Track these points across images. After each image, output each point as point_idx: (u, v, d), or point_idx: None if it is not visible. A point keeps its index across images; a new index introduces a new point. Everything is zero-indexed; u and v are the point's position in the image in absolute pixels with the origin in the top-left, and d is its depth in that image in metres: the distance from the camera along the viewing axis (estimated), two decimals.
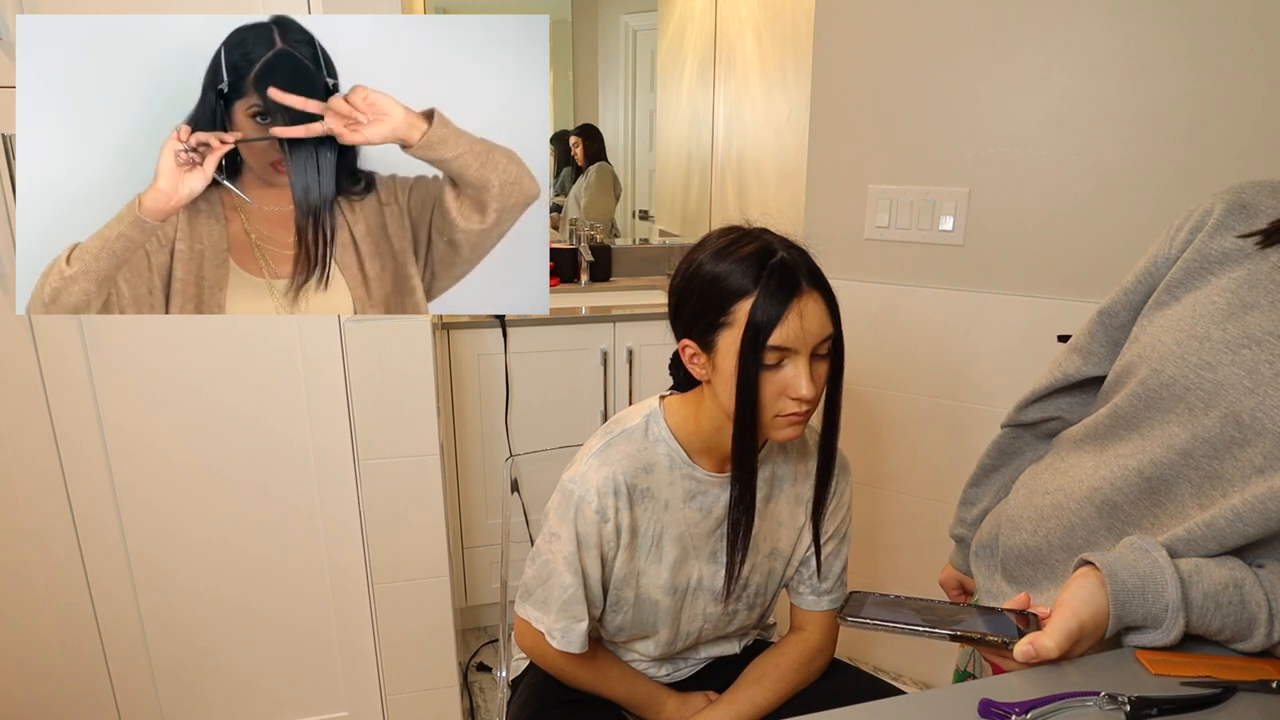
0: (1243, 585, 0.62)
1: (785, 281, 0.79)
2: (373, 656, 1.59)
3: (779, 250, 0.81)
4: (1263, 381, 0.62)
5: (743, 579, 0.99)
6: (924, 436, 1.75)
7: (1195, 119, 1.35)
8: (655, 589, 0.95)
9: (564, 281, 2.37)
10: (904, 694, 0.88)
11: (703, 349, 0.84)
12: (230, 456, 1.42)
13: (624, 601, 0.96)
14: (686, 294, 0.84)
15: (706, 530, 0.95)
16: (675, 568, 0.94)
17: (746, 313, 0.79)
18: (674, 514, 0.93)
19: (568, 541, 0.91)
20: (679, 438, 0.92)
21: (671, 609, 0.97)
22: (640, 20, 2.44)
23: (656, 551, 0.94)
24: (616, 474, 0.89)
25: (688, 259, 0.86)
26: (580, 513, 0.90)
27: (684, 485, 0.93)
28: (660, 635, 1.00)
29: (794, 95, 1.82)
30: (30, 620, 1.42)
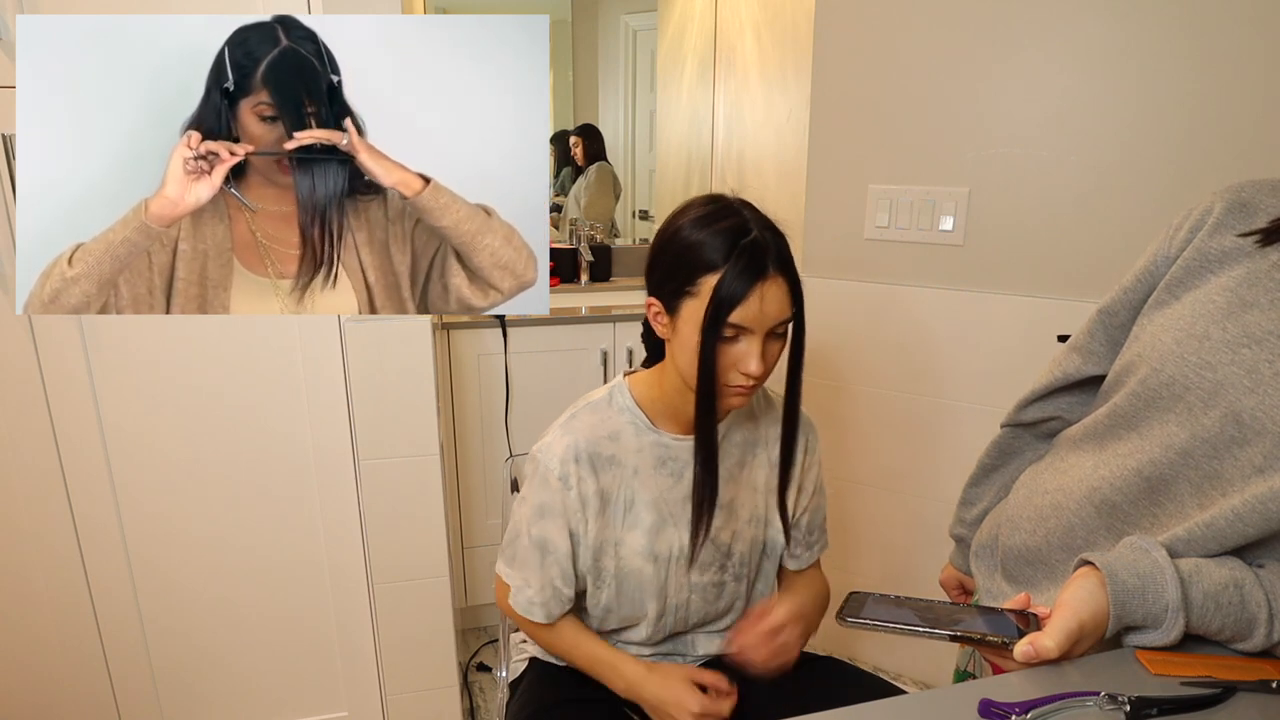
0: (1243, 585, 0.62)
1: (753, 263, 0.82)
2: (373, 656, 1.59)
3: (753, 230, 0.84)
4: (1262, 381, 0.62)
5: (725, 546, 1.00)
6: (924, 436, 1.75)
7: (1195, 119, 1.35)
8: (635, 556, 0.96)
9: (564, 281, 2.38)
10: (904, 694, 0.88)
11: (667, 310, 0.88)
12: (230, 456, 1.42)
13: (605, 574, 0.97)
14: (660, 256, 0.88)
15: (681, 497, 0.97)
16: (653, 534, 0.96)
17: (712, 287, 0.82)
18: (644, 480, 0.95)
19: (532, 507, 0.96)
20: (642, 405, 0.96)
21: (656, 579, 0.98)
22: (640, 20, 2.44)
23: (632, 517, 0.96)
24: (579, 442, 0.93)
25: (670, 221, 0.89)
26: (545, 481, 0.94)
27: (652, 452, 0.96)
28: (649, 612, 1.00)
29: (794, 95, 1.82)
30: (30, 620, 1.42)
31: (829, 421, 1.86)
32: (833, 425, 1.86)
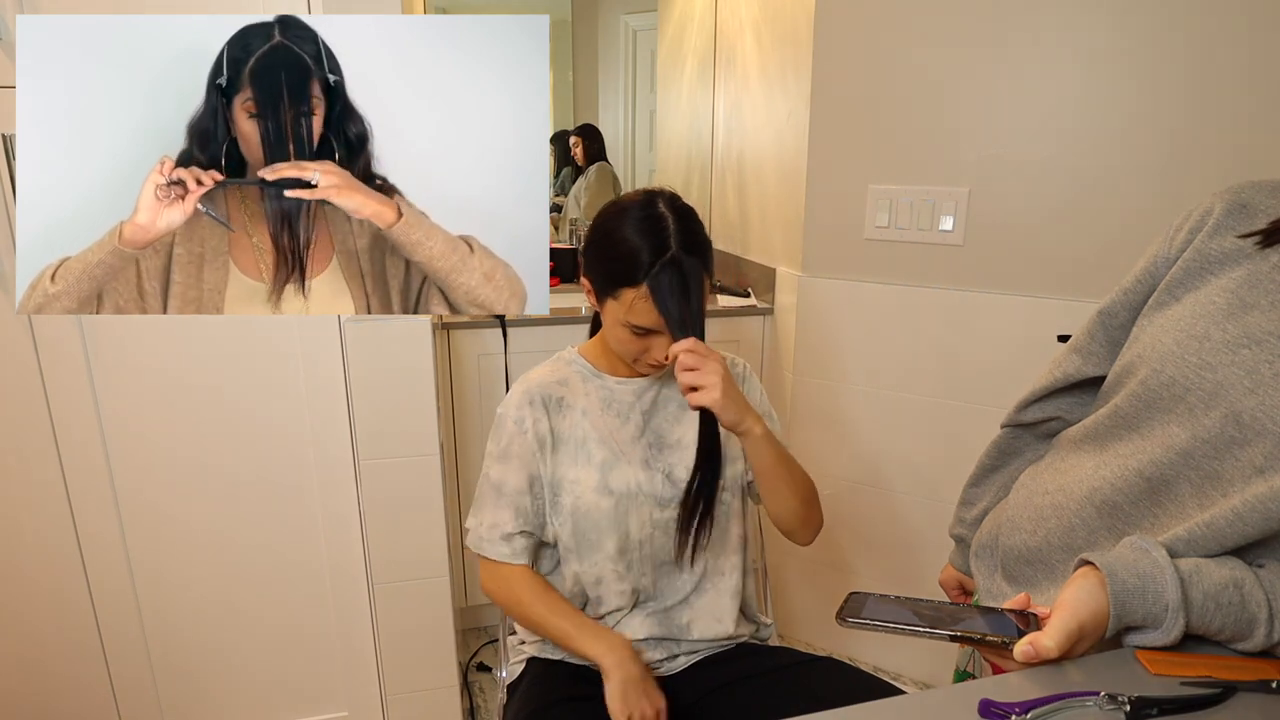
0: (1243, 585, 0.62)
1: (667, 285, 0.92)
2: (373, 656, 1.59)
3: (673, 248, 0.93)
4: (1263, 381, 0.62)
5: (680, 483, 1.04)
6: (923, 436, 1.75)
7: (1195, 119, 1.35)
8: (589, 491, 1.03)
9: (564, 281, 2.37)
10: (904, 694, 0.88)
11: (596, 295, 1.02)
12: (230, 456, 1.42)
13: (562, 508, 1.04)
14: (593, 248, 1.00)
15: (629, 436, 1.06)
16: (605, 469, 1.03)
17: (629, 301, 0.95)
18: (593, 420, 1.05)
19: (491, 455, 1.07)
20: (588, 359, 1.10)
21: (613, 514, 1.02)
22: (640, 20, 2.45)
23: (584, 454, 1.04)
24: (531, 389, 1.05)
25: (605, 213, 0.99)
26: (501, 427, 1.06)
27: (598, 395, 1.07)
28: (608, 548, 1.03)
29: (794, 95, 1.82)
30: (30, 620, 1.42)
31: (828, 421, 1.86)
32: (832, 425, 1.86)
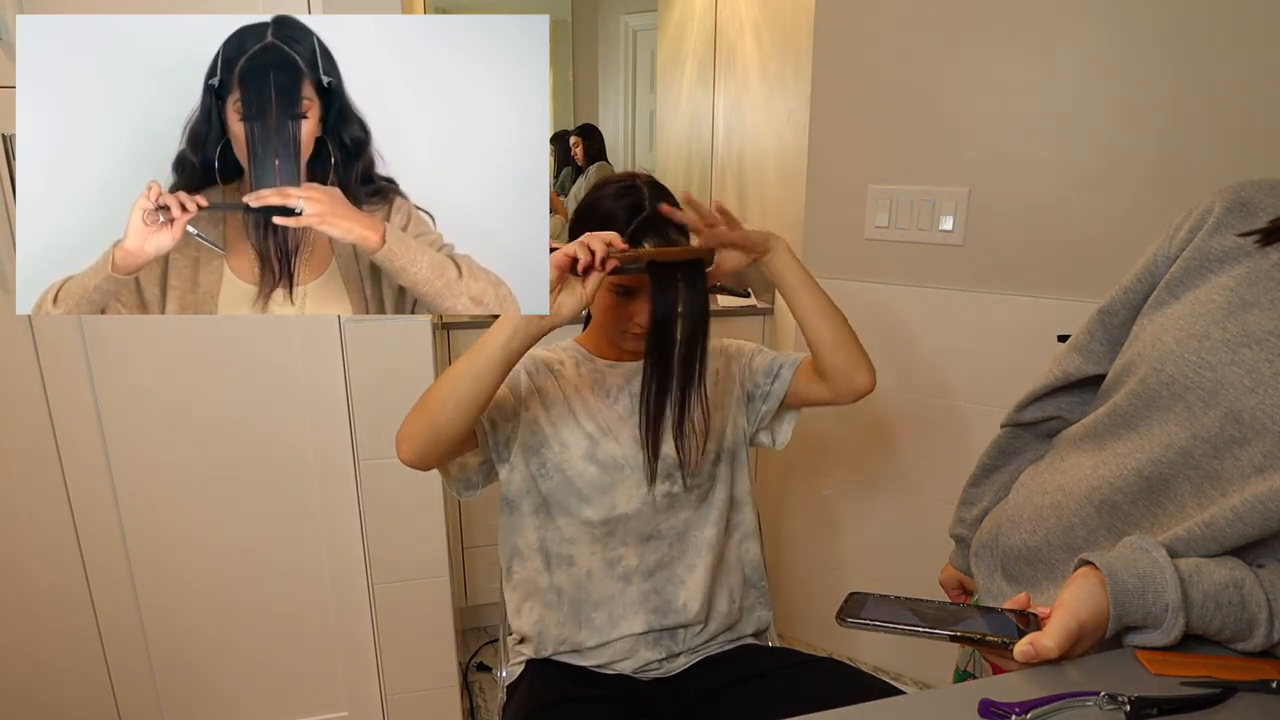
0: (1243, 585, 0.62)
1: (644, 232, 0.95)
2: (373, 656, 1.59)
3: (647, 208, 0.98)
4: (1263, 380, 0.62)
5: (671, 459, 1.03)
6: (924, 436, 1.75)
7: (1195, 119, 1.35)
8: (577, 456, 1.04)
9: None
10: (904, 694, 0.88)
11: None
12: (230, 456, 1.42)
13: (549, 466, 1.05)
14: (578, 219, 1.03)
15: (618, 415, 1.07)
16: (593, 440, 1.05)
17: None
18: (583, 395, 1.09)
19: None
20: (582, 345, 1.14)
21: (599, 482, 1.04)
22: (640, 20, 2.44)
23: (573, 419, 1.06)
24: (536, 354, 1.10)
25: (595, 188, 1.04)
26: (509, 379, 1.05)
27: (589, 376, 1.10)
28: (586, 514, 1.05)
29: (794, 95, 1.82)
30: (31, 619, 1.42)
31: (828, 421, 1.86)
32: (832, 425, 1.86)
